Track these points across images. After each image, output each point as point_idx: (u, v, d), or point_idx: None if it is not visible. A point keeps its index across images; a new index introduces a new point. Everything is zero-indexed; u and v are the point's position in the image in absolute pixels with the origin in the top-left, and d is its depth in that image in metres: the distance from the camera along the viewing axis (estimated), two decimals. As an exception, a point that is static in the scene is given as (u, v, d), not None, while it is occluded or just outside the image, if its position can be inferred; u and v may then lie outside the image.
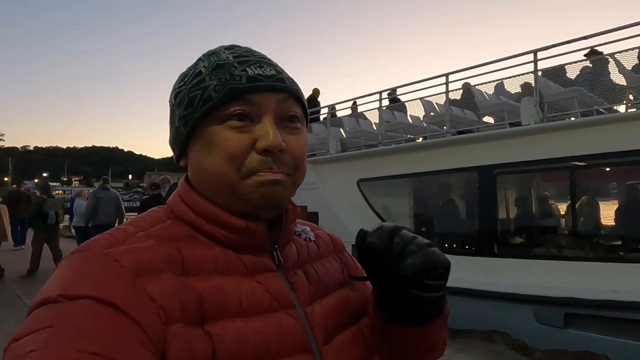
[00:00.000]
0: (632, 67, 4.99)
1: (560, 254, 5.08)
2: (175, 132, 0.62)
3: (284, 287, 0.60)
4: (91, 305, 0.45)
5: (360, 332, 0.66)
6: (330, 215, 7.00)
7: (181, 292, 0.51)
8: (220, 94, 0.57)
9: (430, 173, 6.37)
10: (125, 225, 0.58)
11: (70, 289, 0.46)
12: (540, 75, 5.50)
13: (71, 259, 0.52)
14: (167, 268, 0.52)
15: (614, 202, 5.46)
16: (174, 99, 0.62)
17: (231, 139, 0.56)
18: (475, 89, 6.60)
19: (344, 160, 7.63)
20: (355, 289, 0.71)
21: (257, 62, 0.60)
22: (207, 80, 0.58)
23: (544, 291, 4.62)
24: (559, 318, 4.52)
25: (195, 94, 0.59)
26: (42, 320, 0.44)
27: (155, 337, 0.46)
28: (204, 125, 0.58)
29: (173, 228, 0.58)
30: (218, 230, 0.58)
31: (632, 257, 4.58)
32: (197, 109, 0.58)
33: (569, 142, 4.85)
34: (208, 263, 0.56)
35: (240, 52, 0.62)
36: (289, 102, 0.60)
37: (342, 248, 0.79)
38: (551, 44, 5.50)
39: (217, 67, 0.59)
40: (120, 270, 0.49)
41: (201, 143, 0.59)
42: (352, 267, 0.76)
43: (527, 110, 5.25)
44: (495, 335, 4.73)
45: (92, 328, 0.43)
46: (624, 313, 4.16)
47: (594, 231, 5.37)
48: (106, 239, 0.54)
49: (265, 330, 0.54)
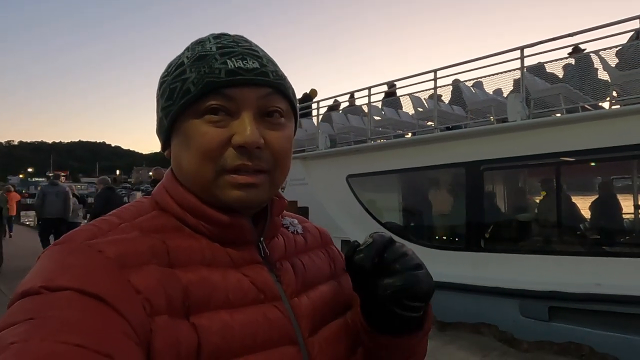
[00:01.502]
0: (615, 65, 5.07)
1: (545, 248, 5.17)
2: (159, 122, 0.62)
3: (270, 279, 0.59)
4: (74, 296, 0.44)
5: (346, 324, 0.66)
6: (320, 211, 7.01)
7: (167, 284, 0.50)
8: (197, 88, 0.56)
9: (419, 169, 6.42)
10: (109, 216, 0.57)
11: (53, 280, 0.45)
12: (526, 71, 5.56)
13: (53, 250, 0.51)
14: (152, 259, 0.51)
15: (598, 197, 5.56)
16: (158, 88, 0.62)
17: (207, 134, 0.56)
18: (463, 85, 6.65)
19: (333, 156, 7.64)
20: (342, 282, 0.71)
21: (240, 54, 0.58)
22: (188, 72, 0.57)
23: (528, 285, 4.70)
24: (544, 311, 4.60)
25: (175, 85, 0.58)
26: (23, 312, 0.43)
27: (140, 329, 0.45)
28: (183, 119, 0.58)
29: (158, 219, 0.58)
30: (202, 224, 0.58)
31: (614, 251, 4.68)
32: (176, 102, 0.57)
33: (554, 138, 4.91)
34: (194, 255, 0.55)
35: (226, 42, 0.60)
36: (273, 97, 0.59)
37: (330, 241, 0.79)
38: (537, 41, 5.57)
39: (198, 59, 0.58)
40: (105, 262, 0.48)
41: (180, 136, 0.59)
42: (339, 260, 0.76)
43: (514, 106, 5.31)
44: (483, 327, 4.80)
45: (75, 320, 0.42)
46: (607, 306, 4.24)
47: (578, 226, 5.46)
48: (89, 230, 0.53)
49: (252, 322, 0.54)
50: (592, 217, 5.42)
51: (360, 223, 6.70)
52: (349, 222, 6.84)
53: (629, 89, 4.98)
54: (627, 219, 5.28)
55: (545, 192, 5.69)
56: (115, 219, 0.56)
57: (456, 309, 4.96)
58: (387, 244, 0.57)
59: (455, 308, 4.92)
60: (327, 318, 0.64)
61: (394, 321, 0.58)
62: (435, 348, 4.31)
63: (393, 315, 0.57)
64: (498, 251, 5.29)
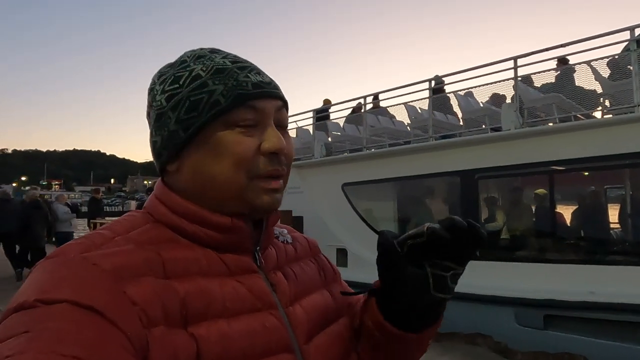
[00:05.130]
0: (608, 76, 5.14)
1: (540, 256, 5.18)
2: (169, 135, 0.60)
3: (266, 287, 0.60)
4: (69, 309, 0.44)
5: (339, 331, 0.67)
6: (315, 220, 7.00)
7: (163, 295, 0.50)
8: (228, 100, 0.58)
9: (414, 177, 6.44)
10: (102, 230, 0.57)
11: (47, 293, 0.45)
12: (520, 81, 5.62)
13: (47, 263, 0.50)
14: (148, 271, 0.52)
15: (592, 205, 5.59)
16: (165, 101, 0.60)
17: (242, 143, 0.58)
18: (458, 95, 6.71)
19: (329, 165, 7.64)
20: (333, 290, 0.73)
21: (255, 69, 0.62)
22: (211, 84, 0.58)
23: (524, 293, 4.71)
24: (539, 319, 4.60)
25: (199, 97, 0.58)
26: (18, 325, 0.42)
27: (136, 340, 0.45)
28: (209, 130, 0.58)
29: (152, 231, 0.58)
30: (201, 229, 0.58)
31: (609, 260, 4.69)
32: (202, 113, 0.58)
33: (548, 147, 4.96)
34: (189, 265, 0.55)
35: (232, 57, 0.63)
36: (283, 110, 0.64)
37: (318, 250, 0.80)
38: (530, 51, 5.64)
39: (217, 72, 0.60)
40: (100, 274, 0.48)
41: (206, 147, 0.58)
42: (328, 269, 0.77)
43: (508, 115, 5.36)
44: (478, 338, 4.79)
45: (71, 332, 0.42)
46: (601, 314, 4.26)
47: (572, 234, 5.48)
48: (83, 243, 0.53)
49: (250, 331, 0.54)
50: (586, 226, 5.44)
51: (355, 231, 6.70)
52: (344, 231, 6.83)
53: (621, 99, 5.05)
54: (620, 228, 5.32)
55: (539, 200, 5.72)
56: (109, 233, 0.56)
57: (451, 318, 4.93)
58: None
59: (450, 317, 4.89)
60: (320, 326, 0.65)
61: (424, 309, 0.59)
62: (429, 358, 4.29)
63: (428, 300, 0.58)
64: (493, 259, 5.30)
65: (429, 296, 0.58)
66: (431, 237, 0.56)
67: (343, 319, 0.70)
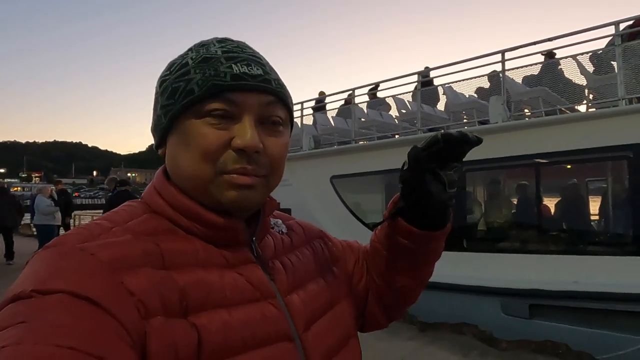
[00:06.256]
0: (592, 70, 5.22)
1: (525, 247, 5.28)
2: (156, 120, 0.62)
3: (264, 277, 0.60)
4: (66, 299, 0.43)
5: (336, 317, 0.68)
6: (303, 212, 6.99)
7: (162, 286, 0.50)
8: (202, 89, 0.56)
9: (402, 170, 6.47)
10: (100, 220, 0.57)
11: (44, 284, 0.45)
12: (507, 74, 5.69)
13: (44, 253, 0.50)
14: (146, 262, 0.51)
15: (575, 197, 5.71)
16: (159, 86, 0.61)
17: (207, 135, 0.56)
18: (446, 88, 6.75)
19: (317, 157, 7.65)
20: (328, 276, 0.74)
21: (246, 60, 0.59)
22: (192, 72, 0.58)
23: (510, 284, 4.81)
24: (525, 309, 4.71)
25: (178, 85, 0.58)
26: (14, 316, 0.42)
27: (134, 331, 0.45)
28: (183, 118, 0.58)
29: (150, 222, 0.58)
30: (195, 225, 0.58)
31: (591, 250, 4.82)
32: (178, 101, 0.58)
33: (534, 140, 5.04)
34: (188, 256, 0.55)
35: (230, 47, 0.60)
36: (274, 106, 0.60)
37: (313, 236, 0.80)
38: (518, 45, 5.70)
39: (203, 61, 0.58)
40: (97, 265, 0.48)
41: (178, 136, 0.58)
42: (323, 255, 0.77)
43: (495, 108, 5.42)
44: (464, 327, 4.87)
45: (68, 323, 0.42)
46: (585, 303, 4.38)
47: (556, 225, 5.60)
48: (81, 234, 0.52)
49: (250, 320, 0.54)
50: (569, 217, 5.56)
51: (344, 224, 6.72)
52: (332, 223, 6.85)
53: (605, 93, 5.15)
54: (602, 219, 5.45)
55: (525, 192, 5.82)
56: (107, 223, 0.56)
57: (438, 309, 5.02)
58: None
59: (436, 308, 4.98)
60: (318, 313, 0.65)
61: (439, 206, 0.66)
62: (416, 349, 4.36)
63: (440, 197, 0.64)
64: (480, 250, 5.38)
65: (445, 194, 0.64)
66: (447, 142, 0.62)
67: (341, 305, 0.71)
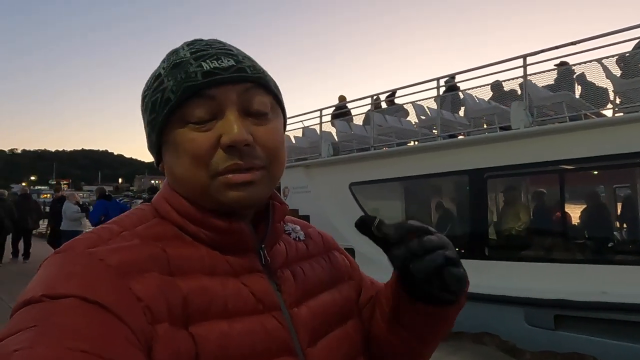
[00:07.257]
0: (620, 75, 5.07)
1: (550, 256, 5.13)
2: (147, 137, 0.61)
3: (269, 288, 0.59)
4: (76, 304, 0.44)
5: (347, 334, 0.66)
6: (322, 219, 6.99)
7: (167, 292, 0.50)
8: (177, 95, 0.55)
9: (422, 176, 6.40)
10: (110, 224, 0.57)
11: (54, 288, 0.45)
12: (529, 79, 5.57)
13: (54, 258, 0.51)
14: (153, 267, 0.52)
15: (602, 204, 5.53)
16: (142, 104, 0.61)
17: (195, 140, 0.55)
18: (466, 94, 6.66)
19: (336, 164, 7.62)
20: (343, 290, 0.70)
21: (214, 55, 0.57)
22: (165, 81, 0.57)
23: (534, 293, 4.66)
24: (549, 320, 4.56)
25: (156, 97, 0.57)
26: (26, 320, 0.43)
27: (141, 335, 0.46)
28: (170, 129, 0.57)
29: (158, 227, 0.58)
30: (201, 231, 0.58)
31: (621, 259, 4.64)
32: (159, 113, 0.57)
33: (558, 146, 4.91)
34: (194, 263, 0.55)
35: (199, 46, 0.59)
36: (253, 91, 0.58)
37: (332, 247, 0.78)
38: (540, 49, 5.58)
39: (174, 67, 0.57)
40: (106, 270, 0.48)
41: (169, 147, 0.58)
42: (340, 267, 0.75)
43: (517, 114, 5.31)
44: (486, 337, 4.75)
45: (78, 326, 0.42)
46: (613, 314, 4.20)
47: (583, 233, 5.43)
48: (90, 238, 0.53)
49: (250, 333, 0.54)
50: (597, 225, 5.39)
51: (363, 231, 6.67)
52: (351, 230, 6.77)
53: (633, 97, 4.98)
54: (631, 227, 5.25)
55: (549, 199, 5.67)
56: (116, 227, 0.56)
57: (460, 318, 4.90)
58: (420, 230, 0.58)
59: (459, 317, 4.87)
60: (328, 328, 0.63)
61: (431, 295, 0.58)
62: (437, 359, 4.26)
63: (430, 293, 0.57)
64: (502, 259, 5.26)
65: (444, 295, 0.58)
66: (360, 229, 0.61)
67: (352, 321, 0.68)
